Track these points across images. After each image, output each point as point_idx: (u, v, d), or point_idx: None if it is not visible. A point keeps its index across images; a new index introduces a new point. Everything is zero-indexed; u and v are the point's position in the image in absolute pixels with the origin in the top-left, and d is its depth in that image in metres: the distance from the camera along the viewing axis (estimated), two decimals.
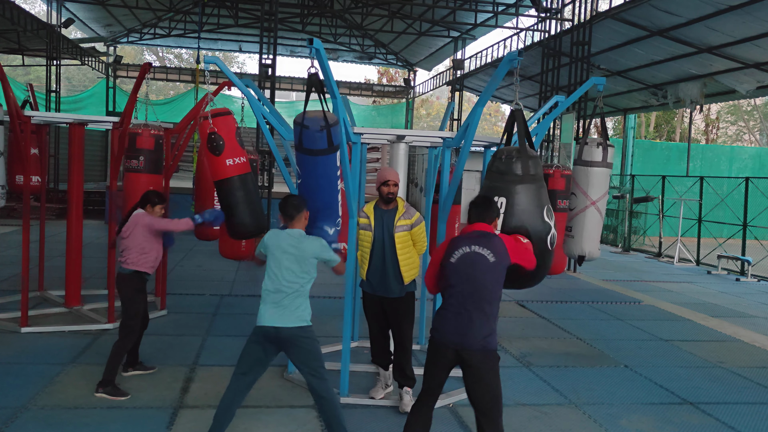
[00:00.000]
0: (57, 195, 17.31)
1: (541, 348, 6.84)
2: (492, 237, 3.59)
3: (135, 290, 5.05)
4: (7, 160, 6.43)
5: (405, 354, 4.84)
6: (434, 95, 41.19)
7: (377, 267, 4.76)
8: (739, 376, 6.16)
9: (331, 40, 23.75)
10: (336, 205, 4.65)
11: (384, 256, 4.73)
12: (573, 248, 6.00)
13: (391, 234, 4.71)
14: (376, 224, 4.77)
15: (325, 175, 4.46)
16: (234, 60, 48.01)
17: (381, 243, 4.74)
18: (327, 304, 8.15)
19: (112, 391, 4.80)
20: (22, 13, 16.30)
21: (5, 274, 9.27)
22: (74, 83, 42.81)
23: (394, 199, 4.79)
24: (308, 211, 4.07)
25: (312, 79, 4.25)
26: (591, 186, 5.82)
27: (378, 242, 4.75)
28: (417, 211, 4.84)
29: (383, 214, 4.78)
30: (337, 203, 4.65)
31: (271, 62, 14.10)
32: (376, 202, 4.87)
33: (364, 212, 4.85)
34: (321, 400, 3.90)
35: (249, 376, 3.91)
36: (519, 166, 3.99)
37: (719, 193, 15.93)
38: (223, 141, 5.08)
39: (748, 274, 12.64)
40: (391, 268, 4.71)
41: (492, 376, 3.51)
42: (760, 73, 13.13)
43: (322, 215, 4.50)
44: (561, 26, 14.85)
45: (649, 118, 33.33)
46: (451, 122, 20.60)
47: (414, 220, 4.75)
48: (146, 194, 5.21)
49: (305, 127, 4.30)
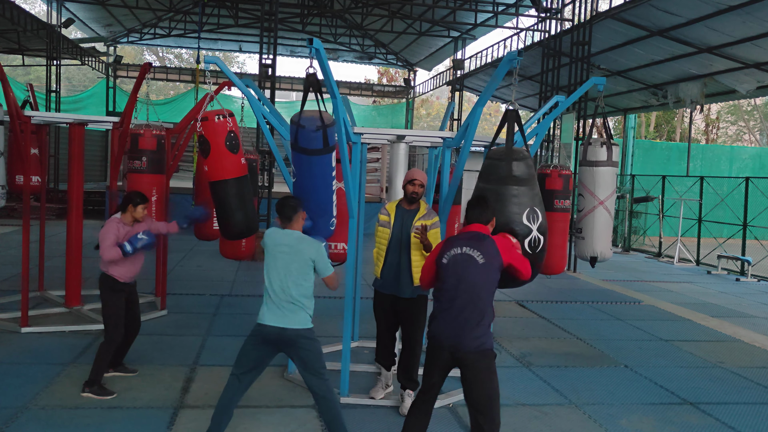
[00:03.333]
0: (57, 195, 17.30)
1: (541, 348, 6.84)
2: (484, 238, 3.61)
3: (109, 290, 4.96)
4: (7, 160, 6.43)
5: (412, 356, 4.84)
6: (434, 95, 41.18)
7: (392, 265, 4.79)
8: (739, 376, 6.16)
9: (331, 40, 23.74)
10: (330, 206, 4.65)
11: (399, 254, 4.76)
12: (584, 249, 5.99)
13: (408, 233, 4.73)
14: (395, 222, 4.80)
15: (319, 175, 4.46)
16: (234, 60, 47.99)
17: (398, 241, 4.77)
18: (327, 304, 8.15)
19: (98, 390, 4.79)
20: (22, 13, 16.29)
21: (5, 274, 9.27)
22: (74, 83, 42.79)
23: (418, 200, 4.82)
24: (304, 212, 4.06)
25: (310, 79, 4.26)
26: (598, 186, 5.81)
27: (395, 240, 4.78)
28: (437, 215, 4.86)
29: (404, 213, 4.81)
30: (331, 204, 4.65)
31: (271, 62, 14.09)
32: (400, 201, 4.90)
33: (386, 210, 4.89)
34: (322, 401, 3.90)
35: (247, 377, 3.90)
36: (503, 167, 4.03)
37: (719, 193, 15.92)
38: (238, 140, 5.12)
39: (748, 274, 12.64)
40: (405, 267, 4.74)
41: (488, 374, 3.52)
42: (760, 73, 13.13)
43: (314, 215, 4.51)
44: (561, 26, 14.85)
45: (649, 118, 33.32)
46: (451, 122, 20.59)
47: (431, 223, 4.76)
48: (128, 194, 5.18)
49: (301, 126, 4.31)
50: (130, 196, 5.15)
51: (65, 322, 6.72)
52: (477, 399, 3.52)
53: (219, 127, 5.08)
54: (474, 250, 3.55)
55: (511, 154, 4.06)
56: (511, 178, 4.02)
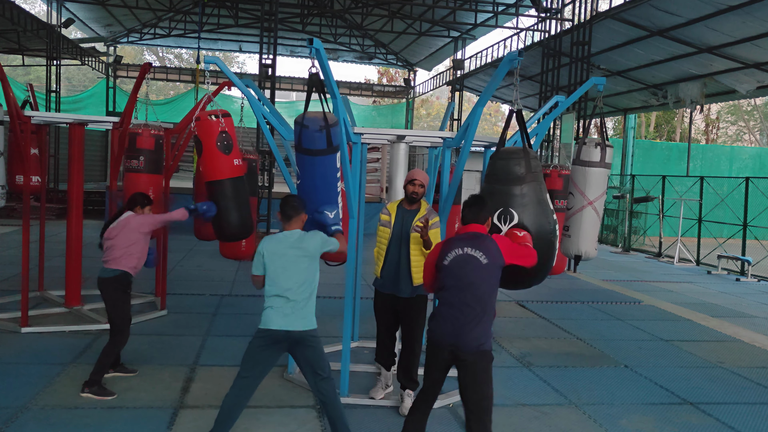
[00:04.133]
0: (57, 195, 17.30)
1: (541, 348, 6.84)
2: (485, 238, 3.61)
3: (122, 290, 5.00)
4: (7, 160, 6.43)
5: (412, 357, 4.85)
6: (434, 95, 41.18)
7: (391, 264, 4.79)
8: (739, 376, 6.16)
9: (331, 40, 23.75)
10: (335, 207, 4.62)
11: (399, 254, 4.77)
12: (570, 248, 6.02)
13: (408, 234, 4.74)
14: (395, 222, 4.81)
15: (323, 175, 4.44)
16: (234, 60, 48.00)
17: (398, 241, 4.78)
18: (327, 304, 8.15)
19: (98, 391, 4.78)
20: (22, 13, 16.29)
21: (5, 274, 9.27)
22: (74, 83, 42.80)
23: (418, 200, 4.82)
24: (306, 214, 4.01)
25: (312, 78, 4.26)
26: (588, 186, 5.83)
27: (395, 240, 4.79)
28: (437, 215, 4.86)
29: (405, 213, 4.82)
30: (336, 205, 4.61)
31: (271, 62, 14.10)
32: (401, 201, 4.91)
33: (387, 209, 4.90)
34: (325, 400, 3.88)
35: (254, 379, 3.85)
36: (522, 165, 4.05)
37: (719, 193, 15.93)
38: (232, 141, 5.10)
39: (748, 274, 12.64)
40: (404, 267, 4.74)
41: (484, 376, 3.52)
42: (760, 73, 13.14)
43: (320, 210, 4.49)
44: (561, 26, 14.86)
45: (649, 118, 33.32)
46: (451, 122, 20.59)
47: (432, 222, 4.73)
48: (133, 197, 5.18)
49: (305, 126, 4.31)
50: (136, 198, 5.15)
51: (65, 322, 6.72)
52: (470, 400, 3.52)
53: (211, 127, 5.04)
54: (476, 251, 3.55)
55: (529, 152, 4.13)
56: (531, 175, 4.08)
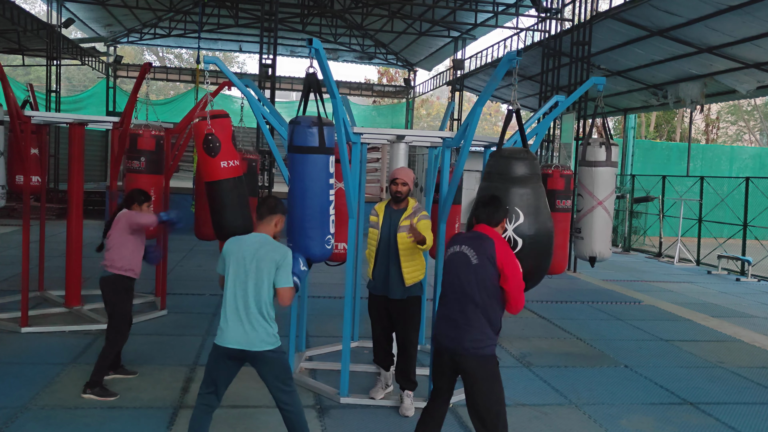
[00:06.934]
0: (57, 195, 17.30)
1: (541, 348, 6.84)
2: (484, 238, 3.47)
3: (123, 290, 5.00)
4: (7, 160, 6.43)
5: (408, 358, 4.82)
6: (434, 95, 41.17)
7: (382, 266, 4.77)
8: (739, 376, 6.16)
9: (331, 40, 23.74)
10: (326, 218, 4.41)
11: (388, 255, 4.74)
12: (583, 250, 6.00)
13: (396, 233, 4.71)
14: (383, 223, 4.78)
15: (315, 178, 4.30)
16: (234, 60, 47.99)
17: (386, 242, 4.75)
18: (327, 304, 8.15)
19: (99, 392, 4.78)
20: (22, 13, 16.28)
21: (5, 274, 9.27)
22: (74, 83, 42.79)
23: (404, 199, 4.78)
24: (283, 217, 3.71)
25: (310, 78, 4.25)
26: (597, 186, 5.82)
27: (384, 241, 4.76)
28: (425, 210, 4.81)
29: (392, 213, 4.80)
30: (327, 214, 4.43)
31: (271, 62, 14.10)
32: (388, 201, 4.89)
33: (375, 210, 4.87)
34: (288, 412, 3.65)
35: (217, 393, 3.67)
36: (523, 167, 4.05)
37: (719, 193, 15.93)
38: (219, 142, 5.03)
39: (749, 274, 12.64)
40: (394, 267, 4.71)
41: (489, 383, 3.38)
42: (760, 73, 13.12)
43: (310, 225, 4.30)
44: (561, 26, 14.85)
45: (650, 118, 33.31)
46: (451, 122, 20.59)
47: (417, 219, 4.66)
48: (131, 193, 5.17)
49: (296, 123, 4.29)
50: (133, 195, 5.15)
51: (65, 322, 6.72)
52: (477, 408, 3.40)
53: (199, 129, 5.00)
54: (470, 250, 3.45)
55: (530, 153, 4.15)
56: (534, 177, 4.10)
